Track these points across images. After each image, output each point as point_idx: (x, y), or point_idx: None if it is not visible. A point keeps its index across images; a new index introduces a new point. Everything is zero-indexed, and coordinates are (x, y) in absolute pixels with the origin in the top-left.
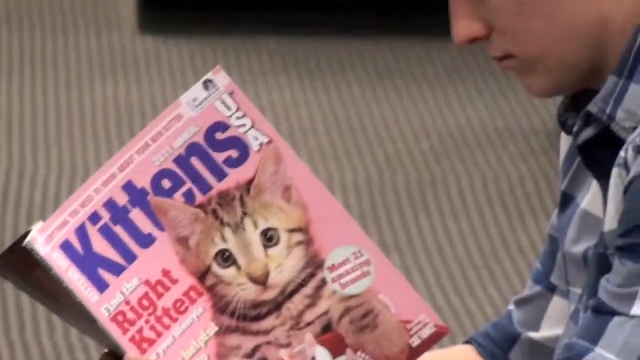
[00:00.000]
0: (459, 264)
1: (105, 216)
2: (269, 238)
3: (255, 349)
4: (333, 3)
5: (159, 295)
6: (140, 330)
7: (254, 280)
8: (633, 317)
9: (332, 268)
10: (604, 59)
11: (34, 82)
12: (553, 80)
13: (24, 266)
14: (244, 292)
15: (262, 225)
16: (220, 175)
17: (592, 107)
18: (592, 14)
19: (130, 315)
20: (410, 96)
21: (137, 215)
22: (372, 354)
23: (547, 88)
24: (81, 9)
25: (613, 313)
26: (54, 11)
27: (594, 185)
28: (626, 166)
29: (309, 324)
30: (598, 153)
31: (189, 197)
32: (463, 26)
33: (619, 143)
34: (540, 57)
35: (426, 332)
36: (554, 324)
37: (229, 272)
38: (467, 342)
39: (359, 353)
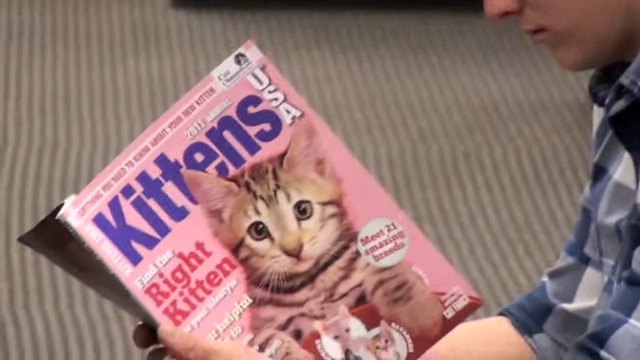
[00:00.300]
0: (492, 236)
1: (138, 189)
2: (302, 211)
3: (289, 320)
4: None
5: (193, 268)
6: (174, 303)
7: (288, 252)
8: None
9: (366, 240)
10: (635, 31)
11: (67, 58)
12: (585, 53)
13: (57, 239)
14: (277, 264)
15: (296, 198)
16: (253, 149)
17: (624, 80)
18: None
19: (164, 288)
20: (444, 70)
21: (170, 189)
22: (406, 326)
23: (579, 61)
24: None
25: None
26: None
27: (626, 157)
28: None
29: (343, 295)
30: (630, 125)
31: (221, 170)
32: (495, 0)
33: None
34: (572, 30)
35: (460, 304)
36: (587, 296)
37: (262, 245)
38: (500, 313)
39: (393, 325)
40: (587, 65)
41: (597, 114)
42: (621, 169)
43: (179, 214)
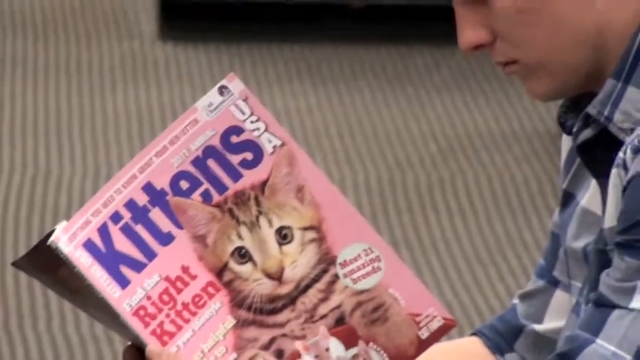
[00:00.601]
0: (466, 260)
1: (126, 216)
2: (283, 236)
3: (272, 341)
4: (345, 12)
5: (179, 291)
6: (161, 324)
7: (270, 276)
8: (632, 310)
9: (344, 264)
10: (603, 63)
11: (59, 88)
12: (555, 84)
13: (49, 264)
14: (260, 287)
15: (277, 224)
16: (236, 176)
17: (591, 109)
18: (591, 21)
19: (152, 310)
20: (419, 101)
21: (156, 215)
22: (383, 346)
23: (549, 92)
24: (104, 18)
25: (613, 306)
26: (78, 20)
27: (593, 184)
28: (625, 166)
29: (322, 317)
30: (597, 153)
31: (206, 197)
32: (468, 34)
33: (616, 143)
34: (542, 62)
35: (435, 325)
36: (556, 317)
37: (245, 269)
38: (473, 334)
39: (370, 344)
40: (557, 96)
41: (566, 142)
42: (588, 195)
43: (166, 239)
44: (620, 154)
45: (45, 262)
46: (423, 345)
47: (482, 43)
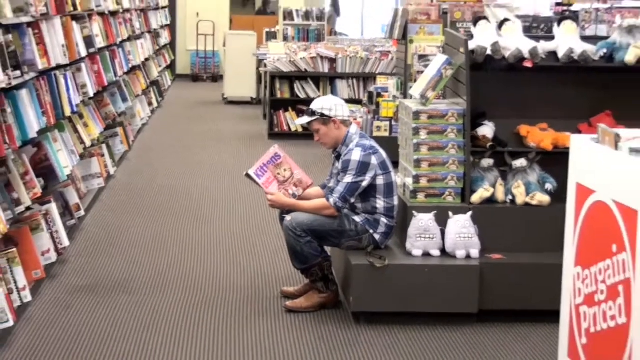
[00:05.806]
0: (316, 175)
1: (261, 168)
2: (284, 171)
3: (284, 188)
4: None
5: (270, 179)
6: (267, 187)
7: (284, 178)
8: (346, 182)
9: (296, 174)
10: (340, 140)
11: (243, 153)
12: (330, 147)
13: (250, 177)
14: (282, 178)
15: (283, 169)
16: (276, 161)
17: (338, 149)
18: (336, 135)
19: (268, 186)
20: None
21: (264, 168)
22: (302, 187)
23: (329, 148)
24: (247, 137)
25: (340, 182)
26: (239, 136)
27: (337, 163)
28: (342, 158)
29: (291, 183)
30: (338, 157)
31: (273, 164)
32: (317, 138)
33: (340, 155)
34: (328, 144)
35: (309, 183)
36: (333, 184)
37: (280, 176)
38: (319, 187)
39: (299, 188)
40: (332, 149)
41: (332, 155)
42: (337, 164)
43: (265, 172)
44: (342, 157)
45: (251, 178)
46: (308, 188)
47: (319, 140)
